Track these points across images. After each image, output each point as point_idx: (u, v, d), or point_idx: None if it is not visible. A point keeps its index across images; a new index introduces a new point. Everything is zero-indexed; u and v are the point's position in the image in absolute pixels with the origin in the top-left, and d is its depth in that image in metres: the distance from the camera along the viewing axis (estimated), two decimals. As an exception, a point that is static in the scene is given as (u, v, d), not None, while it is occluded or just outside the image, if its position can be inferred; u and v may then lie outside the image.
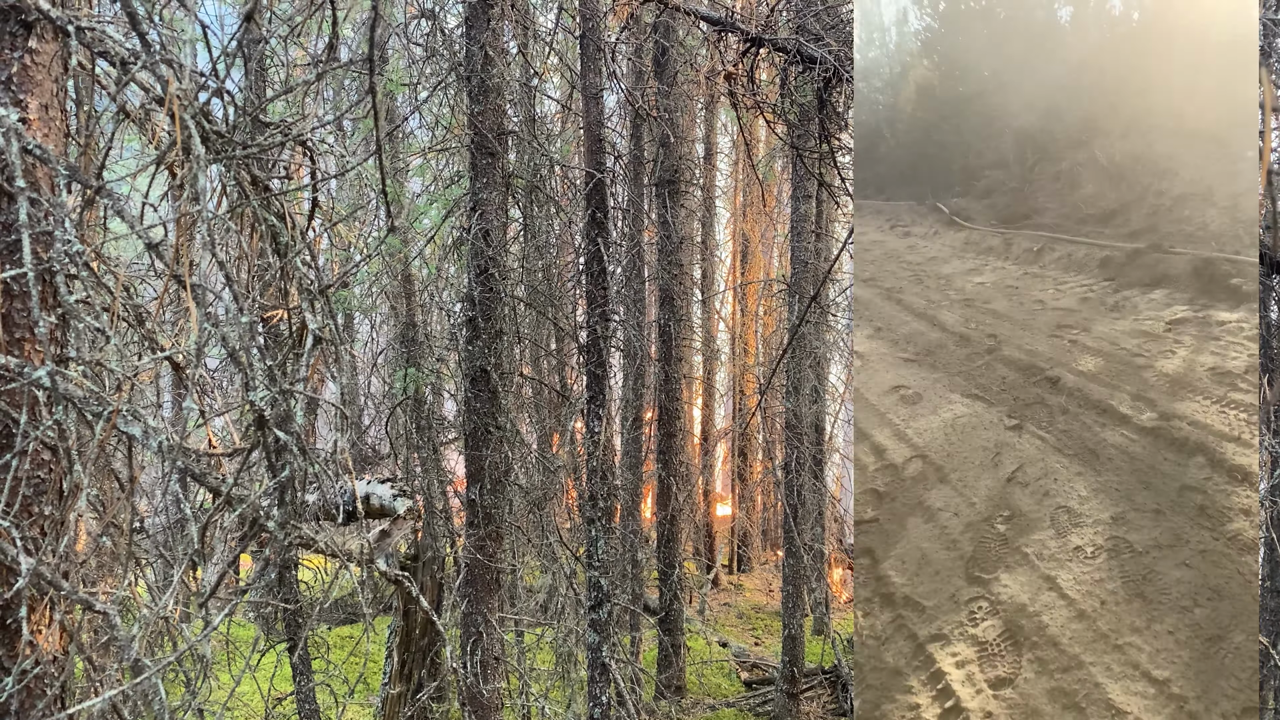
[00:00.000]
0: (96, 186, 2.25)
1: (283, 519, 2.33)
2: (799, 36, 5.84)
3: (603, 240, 7.93)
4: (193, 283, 2.15)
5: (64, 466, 2.94)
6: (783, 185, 17.45)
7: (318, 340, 2.40)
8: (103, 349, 2.35)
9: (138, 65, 2.22)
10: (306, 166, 3.14)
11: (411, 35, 9.10)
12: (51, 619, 3.13)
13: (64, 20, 2.47)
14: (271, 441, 2.34)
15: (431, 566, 9.55)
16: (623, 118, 12.61)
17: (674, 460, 13.12)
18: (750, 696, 12.92)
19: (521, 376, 9.46)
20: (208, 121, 2.39)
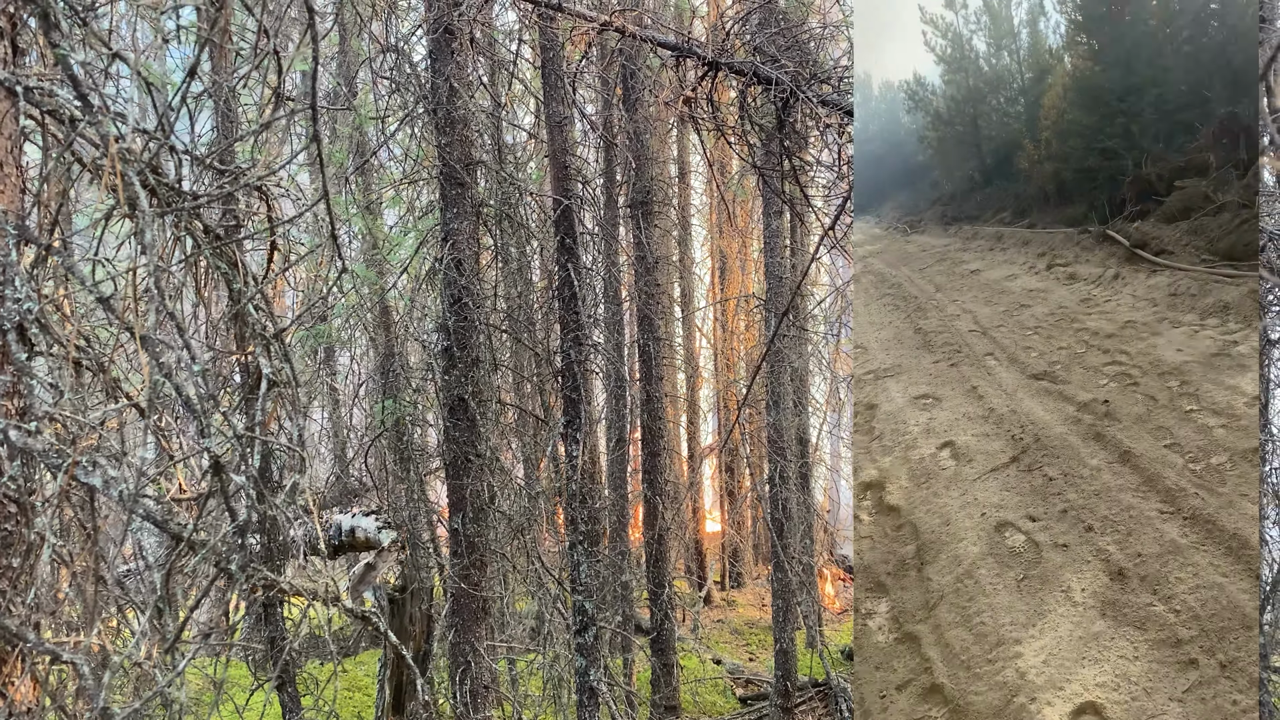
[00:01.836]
0: (46, 244, 2.30)
1: (242, 562, 2.36)
2: (755, 59, 5.93)
3: (573, 265, 7.99)
4: (144, 334, 2.19)
5: (28, 519, 2.97)
6: (755, 201, 17.59)
7: (272, 384, 2.44)
8: (56, 404, 2.39)
9: (83, 123, 2.27)
10: (264, 212, 3.19)
11: (379, 69, 9.19)
12: (23, 670, 3.14)
13: (11, 81, 2.51)
14: (229, 486, 2.38)
15: (419, 597, 9.54)
16: (593, 142, 12.72)
17: (660, 479, 13.15)
18: (745, 712, 12.92)
19: (500, 403, 9.50)
20: (156, 175, 2.44)
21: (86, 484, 2.43)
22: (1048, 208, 15.13)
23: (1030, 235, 14.40)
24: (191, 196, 2.45)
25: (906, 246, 18.69)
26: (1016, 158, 17.21)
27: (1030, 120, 16.81)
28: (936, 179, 24.07)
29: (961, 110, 21.97)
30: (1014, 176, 17.41)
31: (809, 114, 6.01)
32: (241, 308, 2.44)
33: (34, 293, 2.50)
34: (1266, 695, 7.59)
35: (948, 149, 23.01)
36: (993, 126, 20.67)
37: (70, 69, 2.17)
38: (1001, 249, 15.18)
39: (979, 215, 19.67)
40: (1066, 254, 12.07)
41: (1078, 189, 14.04)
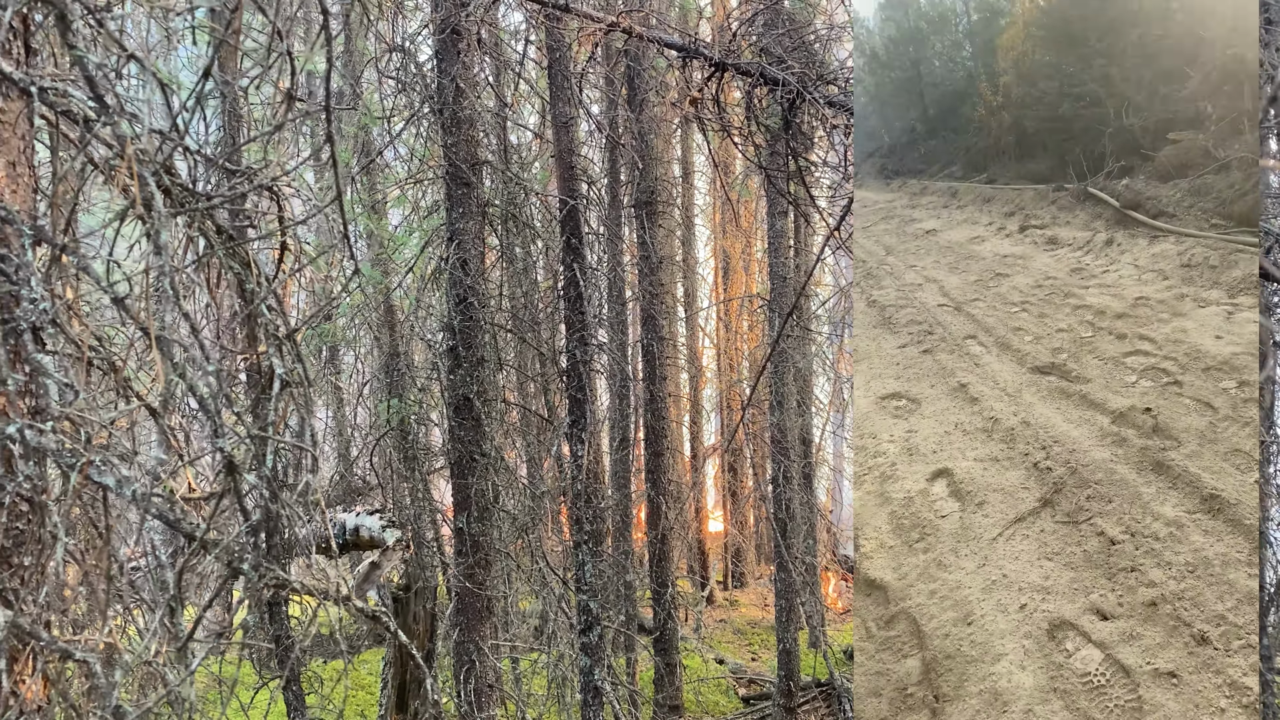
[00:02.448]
0: (61, 244, 2.31)
1: (255, 561, 2.37)
2: (762, 60, 5.93)
3: (578, 265, 8.00)
4: (158, 334, 2.20)
5: (41, 517, 2.98)
6: (760, 201, 17.58)
7: (285, 384, 2.45)
8: (70, 404, 2.40)
9: (99, 123, 2.28)
10: (275, 212, 3.20)
11: (384, 69, 9.20)
12: (34, 669, 3.16)
13: (26, 81, 2.52)
14: (243, 486, 2.39)
15: (424, 596, 9.56)
16: (598, 142, 12.73)
17: (663, 479, 13.15)
18: (748, 712, 12.92)
19: (505, 403, 9.51)
20: (169, 175, 2.45)
21: (100, 483, 2.44)
22: (1007, 162, 13.63)
23: (992, 192, 12.70)
24: (205, 197, 2.46)
25: None
26: (964, 107, 16.33)
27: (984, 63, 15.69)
28: (873, 129, 21.73)
29: (901, 53, 19.91)
30: (962, 128, 16.34)
31: (815, 115, 6.01)
32: (255, 308, 2.45)
33: (48, 293, 2.51)
34: (1270, 698, 7.59)
35: (886, 96, 20.95)
36: (936, 72, 18.30)
37: (86, 69, 2.18)
38: (958, 206, 13.22)
39: (924, 170, 17.61)
40: (1041, 214, 10.65)
41: (1045, 141, 12.51)
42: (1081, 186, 10.01)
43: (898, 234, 12.49)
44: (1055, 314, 7.12)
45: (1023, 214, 11.05)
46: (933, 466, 4.83)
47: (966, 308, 7.84)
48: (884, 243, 12.04)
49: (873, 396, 6.25)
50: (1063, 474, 4.30)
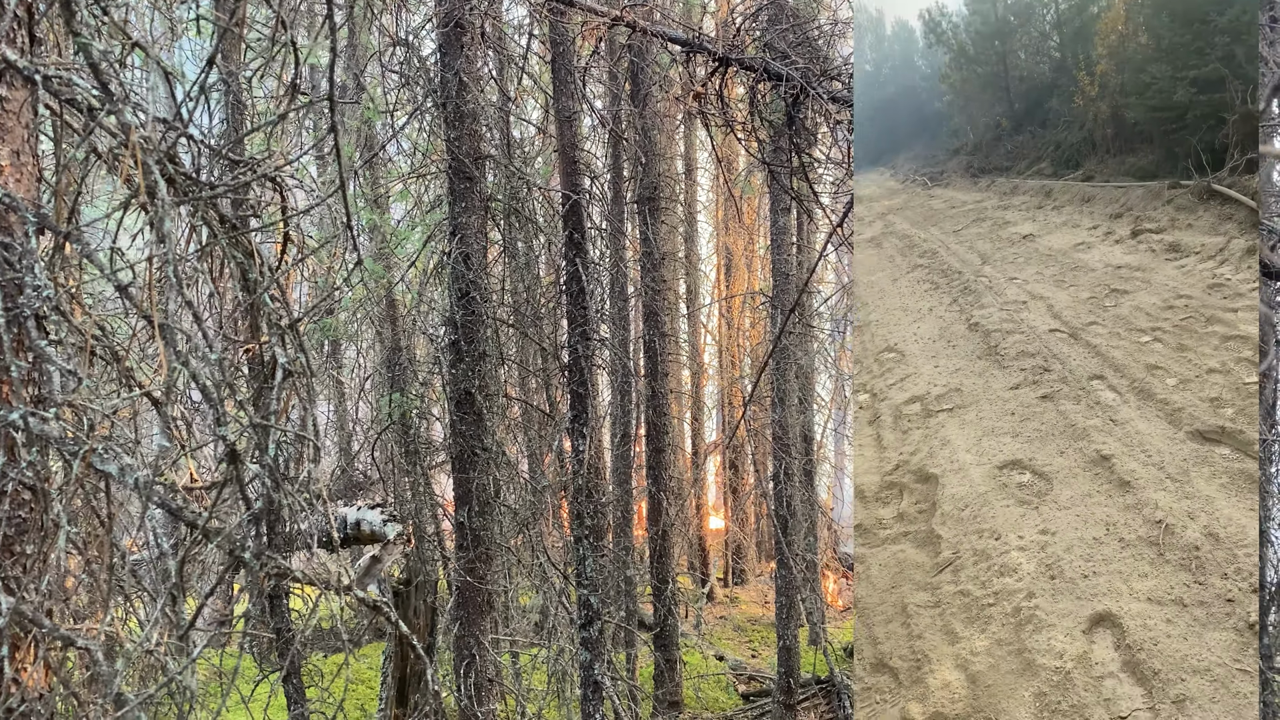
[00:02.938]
0: (65, 232, 2.31)
1: (257, 550, 2.38)
2: (765, 55, 5.93)
3: (581, 260, 8.00)
4: (162, 323, 2.20)
5: (44, 506, 2.99)
6: (762, 198, 17.58)
7: (288, 374, 2.46)
8: (74, 391, 2.41)
9: (103, 112, 2.29)
10: (278, 203, 3.20)
11: (388, 63, 9.19)
12: (36, 657, 3.16)
13: (31, 70, 2.53)
14: (245, 475, 2.40)
15: (424, 590, 9.57)
16: (601, 137, 12.72)
17: (664, 475, 13.16)
18: (748, 709, 12.93)
19: (507, 398, 9.51)
20: (174, 164, 2.45)
21: (102, 471, 2.44)
22: (1105, 157, 12.58)
23: (1092, 191, 11.63)
24: (209, 186, 2.46)
25: (931, 202, 16.33)
26: (1050, 100, 15.72)
27: (1074, 52, 14.79)
28: (958, 126, 21.21)
29: (988, 46, 19.50)
30: (1051, 122, 15.57)
31: (819, 110, 6.01)
32: (258, 297, 2.45)
33: (51, 281, 2.51)
34: (1271, 695, 7.59)
35: (971, 92, 20.50)
36: (1023, 66, 17.53)
37: (91, 57, 2.18)
38: (1054, 207, 12.15)
39: (1010, 166, 17.03)
40: (1155, 215, 9.27)
41: (1151, 132, 11.41)
42: (1204, 183, 8.79)
43: (991, 239, 11.40)
44: (1199, 346, 5.69)
45: (1132, 215, 9.78)
46: (1089, 606, 3.44)
47: (1084, 334, 6.65)
48: (979, 249, 10.91)
49: (988, 464, 4.94)
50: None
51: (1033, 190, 13.78)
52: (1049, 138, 15.53)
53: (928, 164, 20.51)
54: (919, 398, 6.29)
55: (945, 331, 7.72)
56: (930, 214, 14.87)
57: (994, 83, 18.55)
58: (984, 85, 18.98)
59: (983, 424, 5.54)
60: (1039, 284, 8.44)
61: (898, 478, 5.24)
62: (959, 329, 7.67)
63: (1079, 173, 13.04)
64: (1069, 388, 5.73)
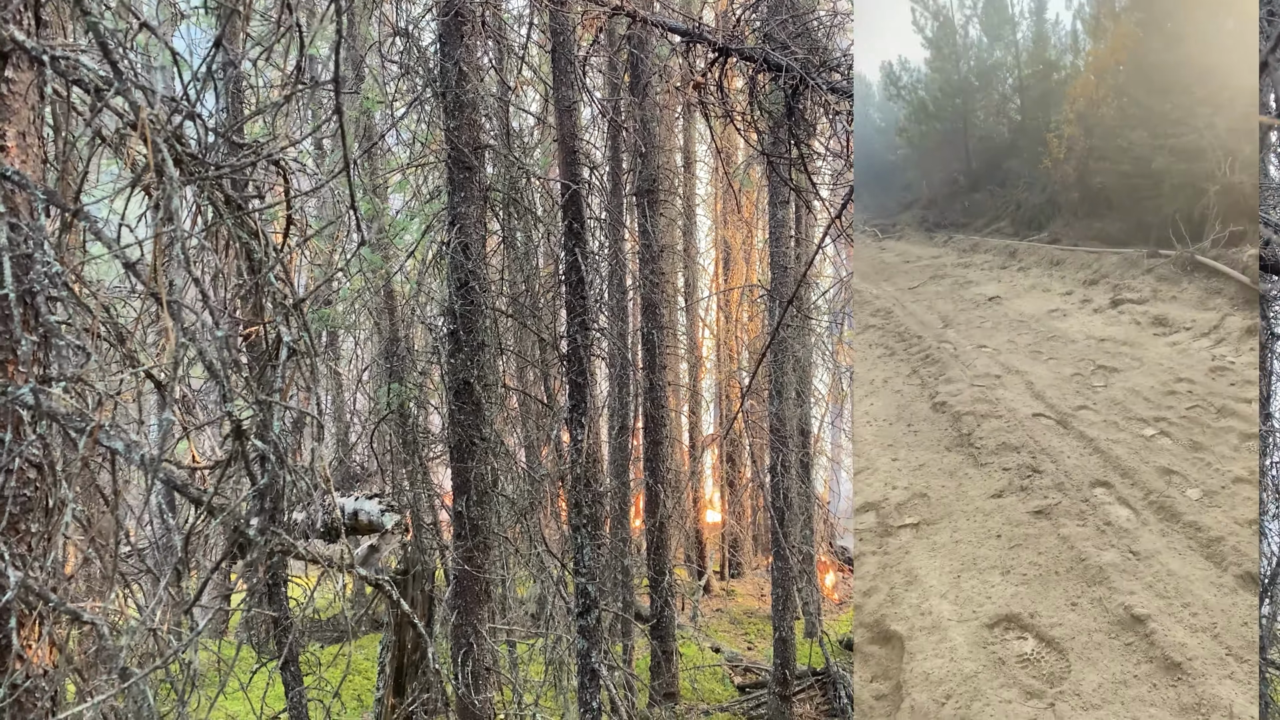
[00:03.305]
0: (74, 210, 2.34)
1: (262, 525, 2.41)
2: (765, 45, 5.95)
3: (580, 251, 8.03)
4: (169, 300, 2.23)
5: (49, 484, 3.02)
6: (761, 191, 17.60)
7: (292, 352, 2.48)
8: (83, 366, 2.43)
9: (111, 92, 2.31)
10: (281, 185, 3.23)
11: (387, 53, 9.20)
12: (40, 633, 3.19)
13: (39, 50, 2.55)
14: (250, 451, 2.42)
15: (421, 580, 9.61)
16: (600, 128, 12.73)
17: (662, 467, 13.20)
18: (743, 700, 12.99)
19: (505, 388, 9.54)
20: (180, 144, 2.48)
21: (109, 448, 2.47)
22: (1071, 220, 12.40)
23: (1060, 254, 11.14)
24: (214, 166, 2.49)
25: (882, 255, 15.89)
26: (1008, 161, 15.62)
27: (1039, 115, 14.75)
28: (911, 180, 21.23)
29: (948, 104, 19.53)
30: (1009, 182, 15.39)
31: (818, 101, 6.03)
32: (263, 277, 2.48)
33: (58, 260, 2.54)
34: (1264, 686, 7.64)
35: (929, 147, 20.47)
36: (982, 125, 17.49)
37: (101, 37, 2.20)
38: (1020, 268, 11.59)
39: (967, 223, 16.63)
40: (1136, 285, 8.74)
41: (1121, 199, 11.14)
42: (1187, 253, 8.44)
43: (952, 298, 10.58)
44: (1215, 445, 4.90)
45: (1108, 283, 9.27)
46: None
47: (1074, 421, 5.74)
48: (939, 310, 10.07)
49: (974, 620, 3.66)
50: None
51: (995, 249, 13.26)
52: (1008, 197, 15.38)
53: (878, 215, 20.62)
54: (874, 505, 4.95)
55: (904, 411, 6.66)
56: (881, 267, 14.15)
57: (952, 140, 18.54)
58: (941, 142, 19.03)
59: (960, 551, 4.23)
60: (1013, 355, 7.63)
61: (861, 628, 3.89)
62: (921, 408, 6.63)
63: (1044, 234, 12.79)
64: (1068, 499, 4.59)
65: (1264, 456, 8.68)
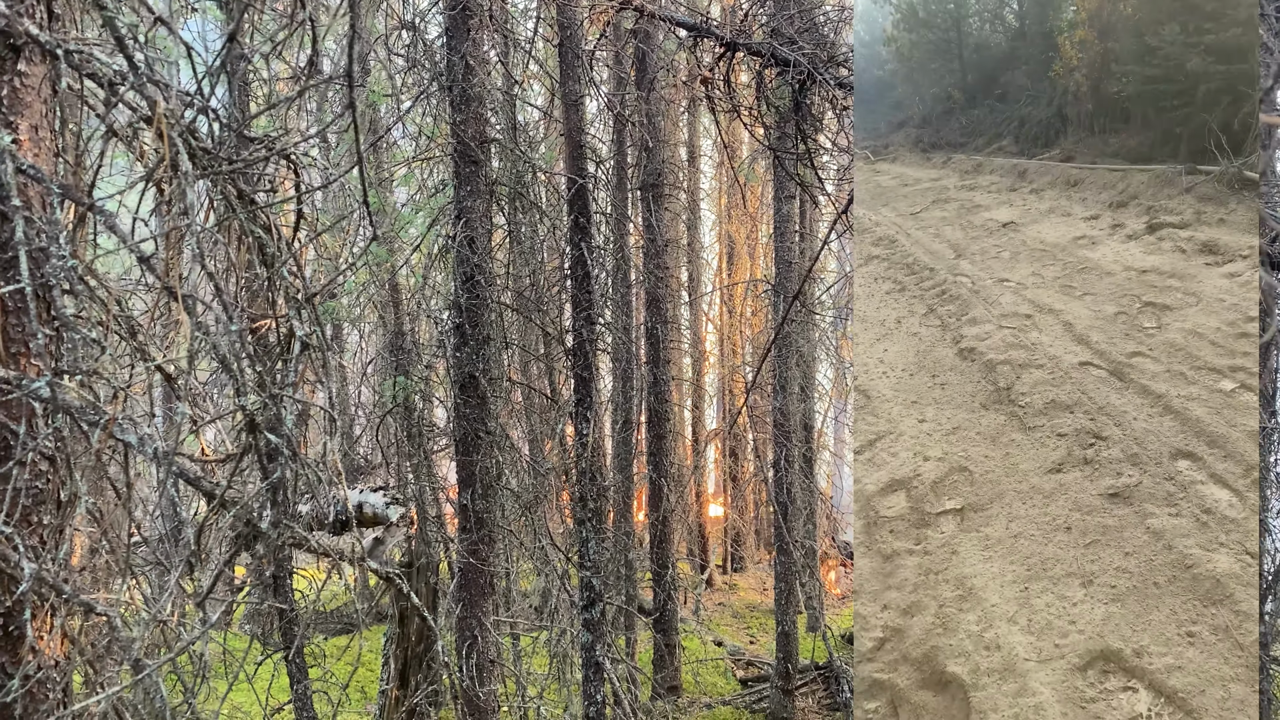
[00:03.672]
0: (89, 204, 2.35)
1: (275, 519, 2.42)
2: (773, 40, 5.95)
3: (586, 245, 8.03)
4: (184, 294, 2.24)
5: (61, 476, 3.03)
6: (766, 186, 17.58)
7: (305, 346, 2.50)
8: (98, 360, 2.45)
9: (126, 86, 2.32)
10: (291, 180, 3.24)
11: (393, 46, 9.21)
12: (52, 625, 3.21)
13: (53, 44, 2.56)
14: (263, 445, 2.44)
15: (425, 572, 9.64)
16: (605, 123, 12.73)
17: (665, 462, 13.22)
18: (746, 694, 13.02)
19: (510, 381, 9.55)
20: (194, 138, 2.48)
21: (123, 441, 2.48)
22: (1084, 136, 11.10)
23: (1077, 173, 9.87)
24: (227, 161, 2.50)
25: (878, 178, 14.70)
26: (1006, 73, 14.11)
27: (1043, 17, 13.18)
28: (901, 97, 19.76)
29: (939, 10, 16.96)
30: (1009, 96, 14.00)
31: (825, 96, 6.03)
32: (276, 271, 2.49)
33: (72, 253, 2.55)
34: (1267, 683, 7.66)
35: (919, 60, 18.82)
36: (977, 34, 15.76)
37: (117, 32, 2.21)
38: (1032, 190, 10.35)
39: (966, 143, 15.35)
40: (1174, 207, 7.58)
41: (1142, 109, 9.73)
42: (1234, 168, 7.36)
43: (961, 225, 9.49)
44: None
45: (1140, 205, 8.18)
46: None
47: (1132, 373, 4.76)
48: (948, 238, 8.98)
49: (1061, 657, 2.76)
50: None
51: (1002, 169, 12.01)
52: (1010, 113, 14.01)
53: (868, 136, 18.99)
54: (902, 483, 4.04)
55: (925, 358, 5.68)
56: (879, 191, 12.96)
57: (945, 50, 16.83)
58: (933, 53, 17.17)
59: (1022, 549, 3.27)
60: (1041, 290, 6.61)
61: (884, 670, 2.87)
62: (945, 355, 5.65)
63: (1055, 152, 11.49)
64: (1148, 477, 3.61)
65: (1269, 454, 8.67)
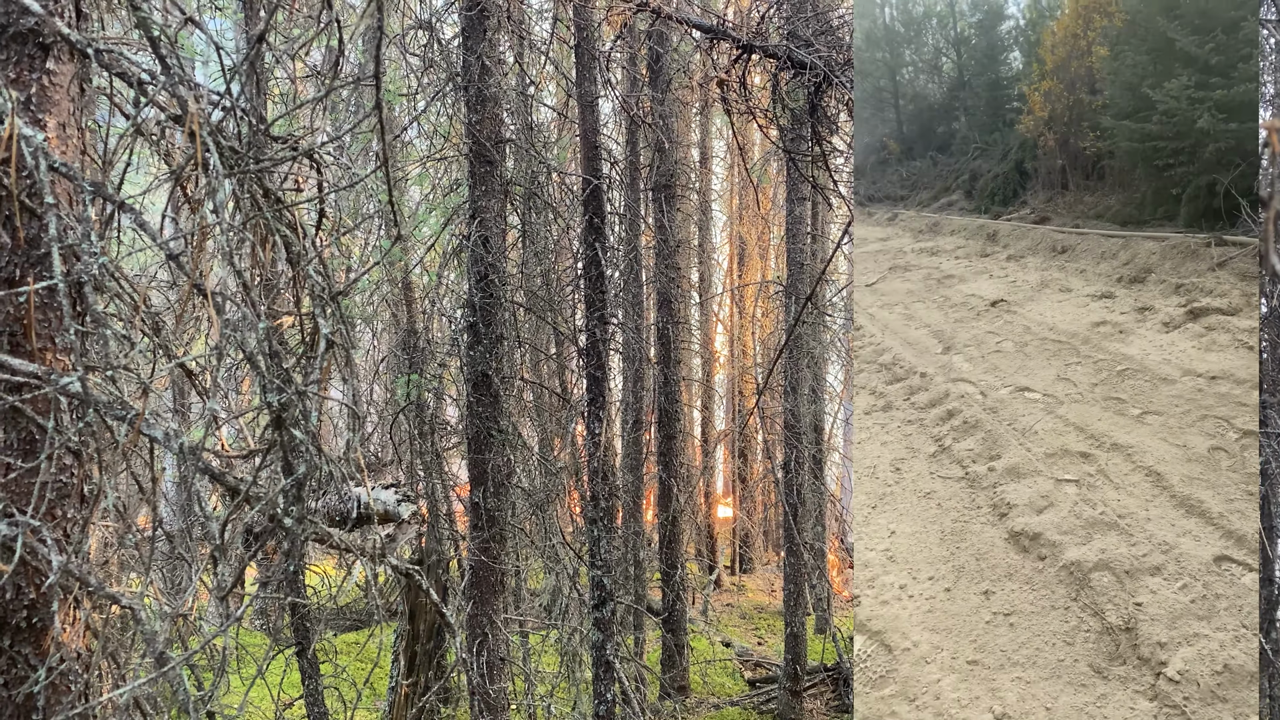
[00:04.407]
0: (119, 201, 2.38)
1: (299, 515, 2.45)
2: (789, 43, 5.97)
3: (600, 245, 8.06)
4: (214, 293, 2.27)
5: (85, 470, 3.07)
6: (778, 188, 17.59)
7: (330, 344, 2.52)
8: (128, 355, 2.48)
9: (157, 87, 2.35)
10: (313, 178, 3.27)
11: (409, 46, 9.24)
12: (76, 617, 3.25)
13: (83, 43, 2.59)
14: (288, 441, 2.47)
15: (436, 570, 9.67)
16: (619, 124, 12.76)
17: (674, 462, 13.23)
18: (754, 695, 13.03)
19: (523, 380, 9.58)
20: (222, 138, 2.52)
21: (149, 436, 2.51)
22: (1052, 194, 10.27)
23: (1063, 238, 8.69)
24: (254, 160, 2.53)
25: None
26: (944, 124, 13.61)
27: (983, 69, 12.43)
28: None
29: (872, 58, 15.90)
30: (952, 148, 13.27)
31: (841, 99, 6.05)
32: (302, 269, 2.52)
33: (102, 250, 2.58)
34: (1276, 689, 7.64)
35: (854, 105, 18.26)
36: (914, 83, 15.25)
37: (151, 33, 2.24)
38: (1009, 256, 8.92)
39: (907, 196, 14.56)
40: (1210, 285, 6.16)
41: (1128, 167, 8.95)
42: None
43: (937, 302, 8.00)
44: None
45: (1163, 283, 6.82)
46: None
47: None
48: (926, 321, 7.56)
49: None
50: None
51: (965, 230, 10.48)
52: (956, 166, 12.98)
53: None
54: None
55: (958, 550, 3.80)
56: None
57: (876, 99, 16.21)
58: (865, 101, 16.49)
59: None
60: (1082, 407, 4.86)
61: None
62: (988, 541, 3.77)
63: (1027, 211, 10.40)
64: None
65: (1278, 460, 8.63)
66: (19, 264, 2.84)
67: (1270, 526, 8.34)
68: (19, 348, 2.72)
